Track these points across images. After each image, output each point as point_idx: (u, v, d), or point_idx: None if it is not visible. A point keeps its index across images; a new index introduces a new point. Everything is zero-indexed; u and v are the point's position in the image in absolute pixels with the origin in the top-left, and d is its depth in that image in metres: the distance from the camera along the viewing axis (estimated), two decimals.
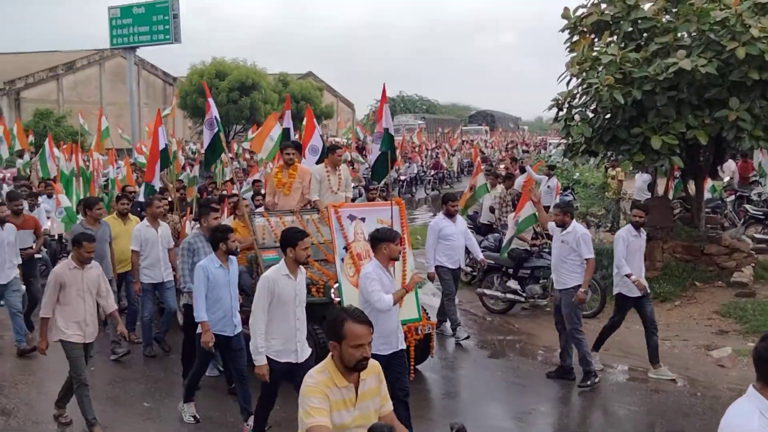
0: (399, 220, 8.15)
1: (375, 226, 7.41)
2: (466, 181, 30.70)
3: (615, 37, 11.55)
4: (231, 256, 7.11)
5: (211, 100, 9.62)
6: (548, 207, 14.17)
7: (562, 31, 12.19)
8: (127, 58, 39.36)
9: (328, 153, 10.21)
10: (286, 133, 11.87)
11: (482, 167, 14.25)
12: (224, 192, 12.99)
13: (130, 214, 10.28)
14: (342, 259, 7.94)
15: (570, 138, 11.94)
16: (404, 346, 6.57)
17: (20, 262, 9.65)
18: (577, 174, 18.89)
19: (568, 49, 11.98)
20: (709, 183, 14.22)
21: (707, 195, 14.26)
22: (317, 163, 10.62)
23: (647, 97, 10.42)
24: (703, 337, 9.97)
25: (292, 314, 6.24)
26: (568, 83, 11.61)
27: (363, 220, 8.11)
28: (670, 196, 14.14)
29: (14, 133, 21.28)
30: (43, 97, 41.91)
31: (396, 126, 50.27)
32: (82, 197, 12.73)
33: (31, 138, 23.36)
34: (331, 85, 61.48)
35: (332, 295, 7.99)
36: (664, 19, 10.98)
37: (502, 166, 21.40)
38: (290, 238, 6.27)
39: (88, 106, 44.87)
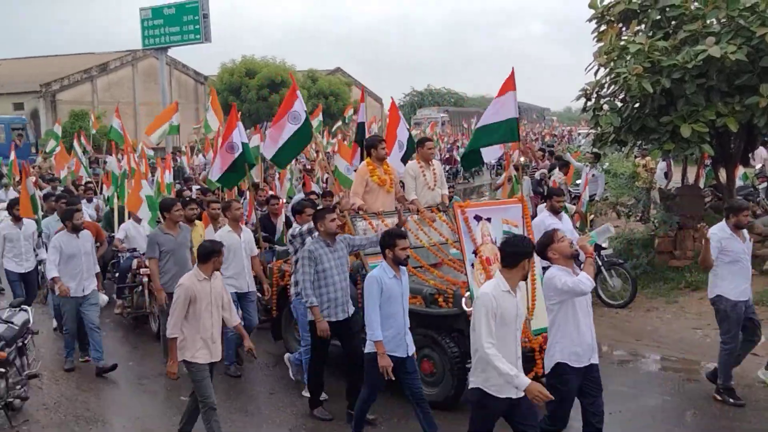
0: (523, 219, 7.55)
1: (501, 227, 7.21)
2: (489, 175, 30.40)
3: (643, 26, 11.51)
4: (402, 266, 6.43)
5: (299, 93, 9.51)
6: (593, 197, 14.13)
7: (590, 21, 12.17)
8: (159, 58, 39.94)
9: (418, 146, 9.36)
10: (361, 127, 11.26)
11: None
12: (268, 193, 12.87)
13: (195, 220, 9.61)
14: (472, 265, 7.13)
15: (599, 128, 11.93)
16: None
17: (98, 270, 9.29)
18: (607, 164, 18.76)
19: (596, 39, 11.95)
20: (740, 170, 14.07)
21: (739, 183, 14.11)
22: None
23: (676, 86, 10.38)
24: None
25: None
26: (596, 73, 11.59)
27: (489, 220, 7.35)
28: (701, 185, 14.05)
29: (56, 132, 21.54)
30: (78, 98, 42.63)
31: (418, 120, 49.83)
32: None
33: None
34: (359, 80, 61.63)
35: (464, 305, 7.12)
36: (692, 7, 10.91)
37: (522, 159, 21.27)
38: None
39: (122, 106, 45.52)
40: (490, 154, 10.87)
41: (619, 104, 11.58)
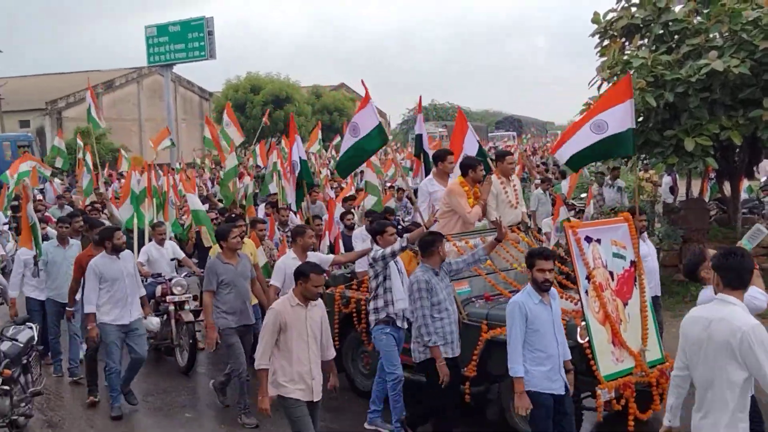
0: (631, 239, 6.88)
1: (610, 249, 6.59)
2: None
3: (646, 41, 11.56)
4: (552, 291, 5.67)
5: (371, 102, 8.73)
6: (614, 208, 14.05)
7: (593, 35, 12.23)
8: (164, 75, 40.22)
9: (497, 161, 8.68)
10: (419, 140, 10.76)
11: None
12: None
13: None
14: (586, 291, 6.33)
15: None
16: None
17: (144, 293, 8.46)
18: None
19: (599, 54, 12.01)
20: (745, 183, 14.08)
21: (744, 195, 14.12)
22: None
23: (680, 99, 10.40)
24: None
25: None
26: (599, 87, 11.63)
27: (599, 241, 6.62)
28: (706, 198, 14.04)
29: (58, 146, 21.50)
30: (84, 115, 42.72)
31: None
32: (155, 219, 11.42)
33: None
34: (363, 95, 61.81)
35: (578, 337, 6.34)
36: (695, 21, 10.96)
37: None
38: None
39: (128, 123, 45.84)
40: None
41: None
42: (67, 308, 8.69)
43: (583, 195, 16.63)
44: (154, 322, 8.75)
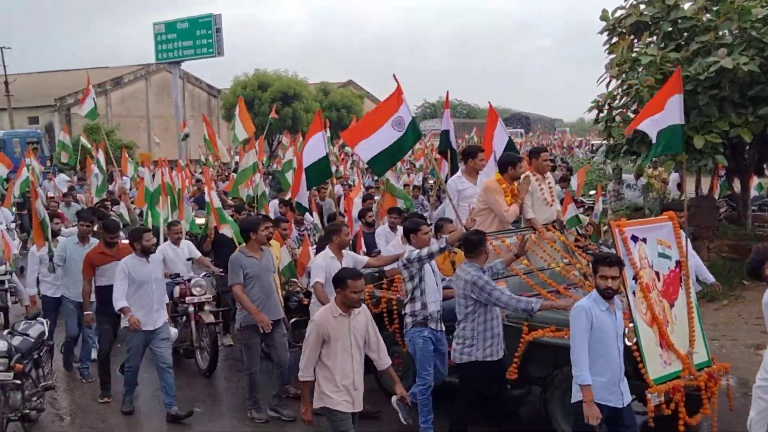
0: (675, 238, 6.68)
1: (656, 249, 6.39)
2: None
3: (654, 38, 11.55)
4: (616, 300, 5.43)
5: (404, 97, 8.18)
6: (641, 207, 14.03)
7: (601, 33, 12.21)
8: (172, 72, 40.36)
9: (531, 158, 8.48)
10: (445, 136, 10.40)
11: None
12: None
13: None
14: (633, 292, 6.12)
15: (611, 139, 11.94)
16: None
17: (168, 301, 8.34)
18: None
19: (608, 51, 11.99)
20: (755, 181, 14.04)
21: (753, 193, 14.07)
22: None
23: (689, 97, 10.35)
24: (752, 336, 9.86)
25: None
26: (608, 85, 11.64)
27: (644, 241, 6.39)
28: (716, 195, 14.01)
29: (63, 141, 21.45)
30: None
31: (423, 131, 49.47)
32: (170, 218, 11.12)
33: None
34: (371, 92, 61.83)
35: (626, 339, 5.95)
36: (704, 18, 10.94)
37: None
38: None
39: (136, 119, 46.00)
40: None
41: (632, 116, 11.58)
42: (85, 313, 8.47)
43: (592, 192, 16.63)
44: (174, 332, 8.45)
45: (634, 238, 6.25)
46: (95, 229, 9.74)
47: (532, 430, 6.90)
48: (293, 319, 8.52)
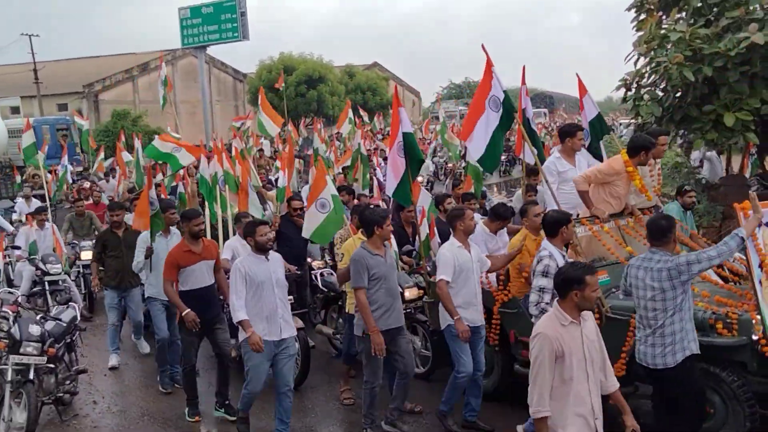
0: None
1: None
2: (516, 172, 29.57)
3: (683, 14, 11.32)
4: None
5: (494, 70, 7.46)
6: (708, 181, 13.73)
7: (629, 9, 12.02)
8: (198, 57, 40.50)
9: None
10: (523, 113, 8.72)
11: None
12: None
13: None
14: (759, 281, 5.56)
15: (639, 118, 11.77)
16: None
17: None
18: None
19: (635, 28, 11.80)
20: None
21: None
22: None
23: (719, 74, 10.19)
24: None
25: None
26: (636, 63, 11.43)
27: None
28: (747, 174, 13.78)
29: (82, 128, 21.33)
30: (120, 98, 43.44)
31: (436, 113, 48.62)
32: (230, 209, 10.24)
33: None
34: (396, 74, 61.64)
35: (753, 335, 5.66)
36: None
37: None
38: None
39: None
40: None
41: (660, 94, 11.42)
42: (185, 313, 7.13)
43: None
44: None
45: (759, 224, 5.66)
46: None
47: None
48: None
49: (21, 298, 9.07)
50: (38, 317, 7.64)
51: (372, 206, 8.05)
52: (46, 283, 10.59)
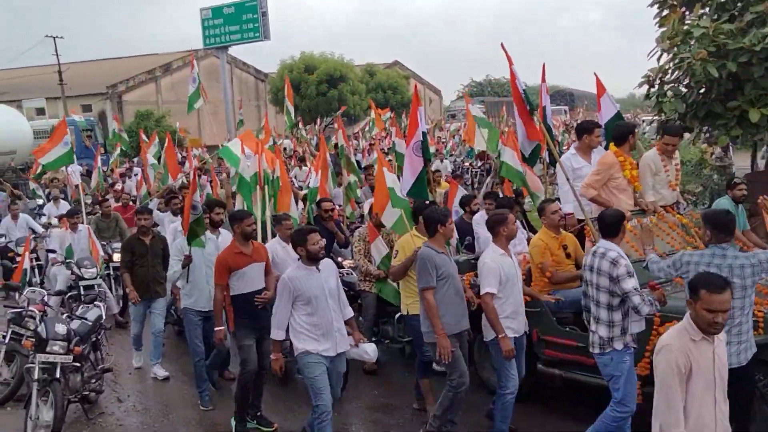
0: None
1: None
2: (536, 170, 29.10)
3: (707, 9, 11.20)
4: None
5: (514, 69, 7.51)
6: None
7: (651, 5, 11.91)
8: (220, 57, 40.75)
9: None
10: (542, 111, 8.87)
11: None
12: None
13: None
14: None
15: (663, 114, 11.67)
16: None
17: (351, 315, 6.46)
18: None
19: (658, 24, 11.70)
20: None
21: None
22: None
23: (743, 69, 10.07)
24: None
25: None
26: (659, 59, 11.33)
27: None
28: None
29: (119, 134, 21.51)
30: (143, 98, 43.82)
31: (452, 111, 48.15)
32: (269, 211, 9.45)
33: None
34: (417, 72, 61.58)
35: None
36: None
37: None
38: None
39: (185, 105, 46.59)
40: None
41: (684, 90, 11.31)
42: (217, 329, 6.97)
43: None
44: (370, 350, 6.53)
45: None
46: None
47: None
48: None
49: (53, 300, 9.11)
50: (64, 316, 7.73)
51: (431, 204, 7.71)
52: (81, 287, 10.32)
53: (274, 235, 8.70)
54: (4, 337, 8.05)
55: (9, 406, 7.89)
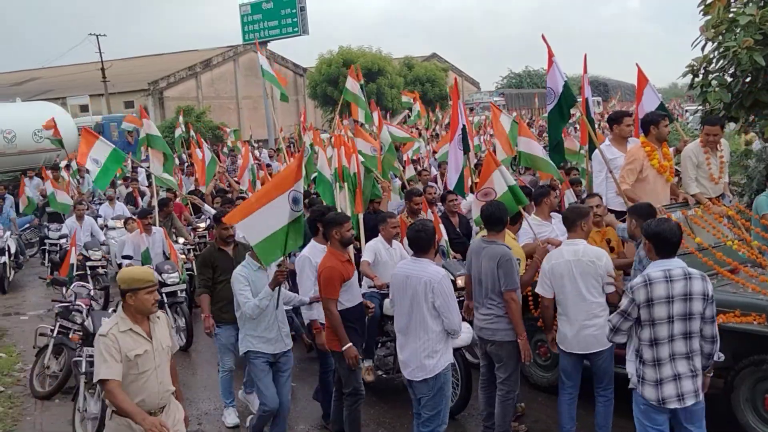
0: None
1: None
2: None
3: None
4: None
5: (555, 60, 7.49)
6: None
7: None
8: (257, 52, 41.01)
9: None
10: (585, 104, 8.91)
11: None
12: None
13: None
14: None
15: (707, 105, 11.46)
16: None
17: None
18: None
19: (702, 12, 11.48)
20: None
21: None
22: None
23: None
24: None
25: None
26: (703, 48, 11.12)
27: None
28: None
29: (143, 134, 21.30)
30: (184, 94, 44.36)
31: (470, 105, 47.64)
32: (347, 210, 8.88)
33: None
34: (455, 64, 61.31)
35: None
36: None
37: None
38: None
39: (225, 101, 47.12)
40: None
41: (729, 79, 11.08)
42: (345, 348, 5.89)
43: None
44: (464, 336, 6.22)
45: None
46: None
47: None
48: None
49: None
50: (110, 310, 7.87)
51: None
52: (164, 295, 9.33)
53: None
54: (52, 330, 8.24)
55: (57, 398, 8.08)
